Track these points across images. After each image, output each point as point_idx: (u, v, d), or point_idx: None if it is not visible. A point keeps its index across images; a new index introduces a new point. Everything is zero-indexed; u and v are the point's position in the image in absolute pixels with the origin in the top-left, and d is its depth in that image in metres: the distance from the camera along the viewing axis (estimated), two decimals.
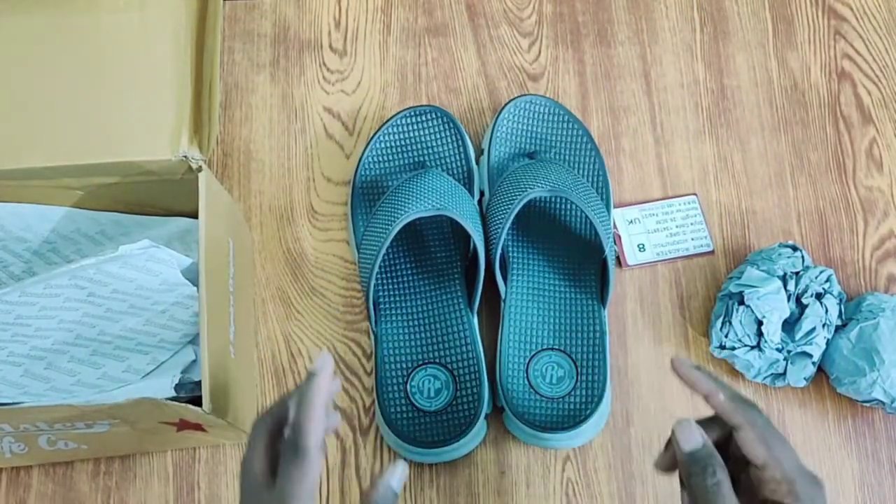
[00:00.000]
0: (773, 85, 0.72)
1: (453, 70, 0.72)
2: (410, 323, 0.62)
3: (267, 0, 0.74)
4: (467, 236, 0.62)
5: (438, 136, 0.66)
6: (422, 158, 0.66)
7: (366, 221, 0.64)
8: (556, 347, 0.61)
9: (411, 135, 0.67)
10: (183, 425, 0.53)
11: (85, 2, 0.56)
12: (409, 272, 0.64)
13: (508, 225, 0.58)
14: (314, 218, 0.68)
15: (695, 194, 0.68)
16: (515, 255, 0.64)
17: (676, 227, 0.67)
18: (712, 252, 0.66)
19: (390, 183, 0.66)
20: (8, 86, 0.55)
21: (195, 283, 0.55)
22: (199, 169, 0.54)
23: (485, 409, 0.59)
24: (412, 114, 0.67)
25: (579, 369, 0.60)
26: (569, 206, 0.65)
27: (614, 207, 0.67)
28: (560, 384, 0.60)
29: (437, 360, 0.61)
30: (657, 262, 0.66)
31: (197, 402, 0.48)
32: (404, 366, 0.61)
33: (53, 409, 0.49)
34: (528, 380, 0.60)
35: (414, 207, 0.57)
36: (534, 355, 0.61)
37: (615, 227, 0.66)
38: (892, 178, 0.69)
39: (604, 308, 0.62)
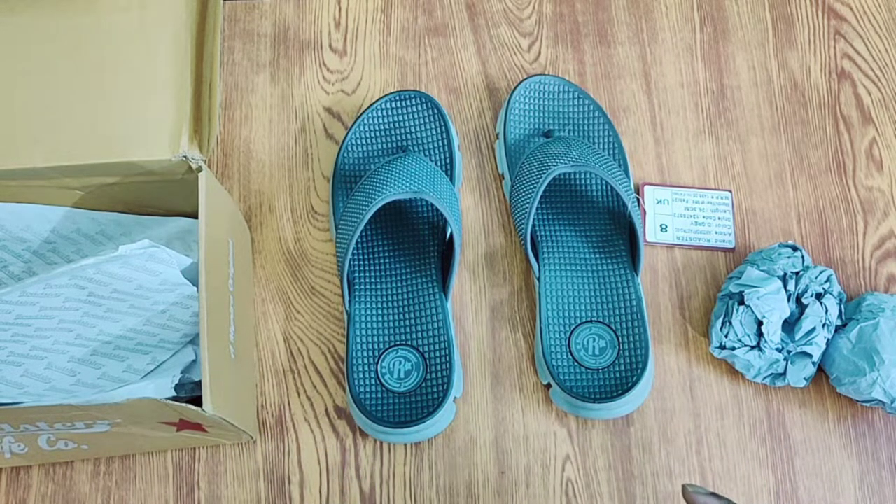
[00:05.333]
0: (773, 85, 0.72)
1: (453, 70, 0.72)
2: (384, 304, 0.63)
3: (267, 0, 0.74)
4: (445, 221, 0.63)
5: (422, 122, 0.67)
6: (404, 143, 0.67)
7: (345, 202, 0.65)
8: (595, 319, 0.62)
9: (395, 119, 0.67)
10: (183, 425, 0.53)
11: (85, 2, 0.56)
12: (385, 254, 0.65)
13: (536, 203, 0.60)
14: (314, 218, 0.68)
15: (730, 191, 0.68)
16: (544, 232, 0.65)
17: (704, 217, 0.67)
18: (733, 249, 0.67)
19: (371, 165, 0.66)
20: (8, 86, 0.55)
21: (195, 283, 0.55)
22: (199, 169, 0.54)
23: (453, 392, 0.59)
24: (397, 98, 0.67)
25: (620, 339, 0.61)
26: (591, 180, 0.67)
27: (646, 184, 0.68)
28: (603, 355, 0.61)
29: (409, 343, 0.62)
30: (675, 245, 0.66)
31: (197, 402, 0.48)
32: (376, 346, 0.62)
33: (53, 409, 0.49)
34: (571, 353, 0.61)
35: (392, 189, 0.58)
36: (574, 329, 0.62)
37: (643, 202, 0.67)
38: (892, 178, 0.69)
39: (637, 276, 0.63)
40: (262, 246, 0.67)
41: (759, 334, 0.60)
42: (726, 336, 0.60)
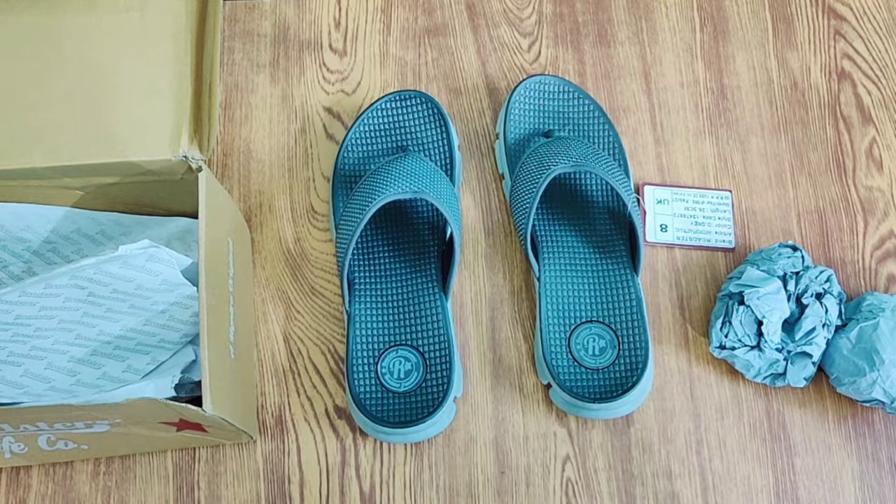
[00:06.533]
0: (773, 85, 0.72)
1: (453, 70, 0.72)
2: (384, 304, 0.63)
3: (267, 0, 0.74)
4: (445, 221, 0.63)
5: (422, 122, 0.67)
6: (404, 143, 0.67)
7: (345, 202, 0.65)
8: (596, 319, 0.62)
9: (395, 119, 0.67)
10: (183, 425, 0.53)
11: (85, 2, 0.56)
12: (385, 254, 0.65)
13: (536, 204, 0.60)
14: (314, 218, 0.68)
15: (730, 191, 0.68)
16: (544, 232, 0.65)
17: (704, 217, 0.67)
18: (733, 249, 0.67)
19: (371, 165, 0.66)
20: (8, 86, 0.55)
21: (195, 283, 0.55)
22: (199, 169, 0.54)
23: (453, 392, 0.59)
24: (397, 98, 0.67)
25: (620, 339, 0.61)
26: (591, 180, 0.67)
27: (646, 184, 0.68)
28: (603, 355, 0.61)
29: (409, 343, 0.62)
30: (675, 245, 0.66)
31: (197, 402, 0.48)
32: (376, 346, 0.62)
33: (53, 409, 0.49)
34: (571, 353, 0.61)
35: (392, 189, 0.58)
36: (574, 329, 0.62)
37: (643, 202, 0.67)
38: (892, 178, 0.69)
39: (637, 276, 0.62)
40: (262, 246, 0.67)
41: (759, 334, 0.60)
42: (726, 336, 0.60)
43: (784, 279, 0.61)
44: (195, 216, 0.53)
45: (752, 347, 0.60)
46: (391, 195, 0.58)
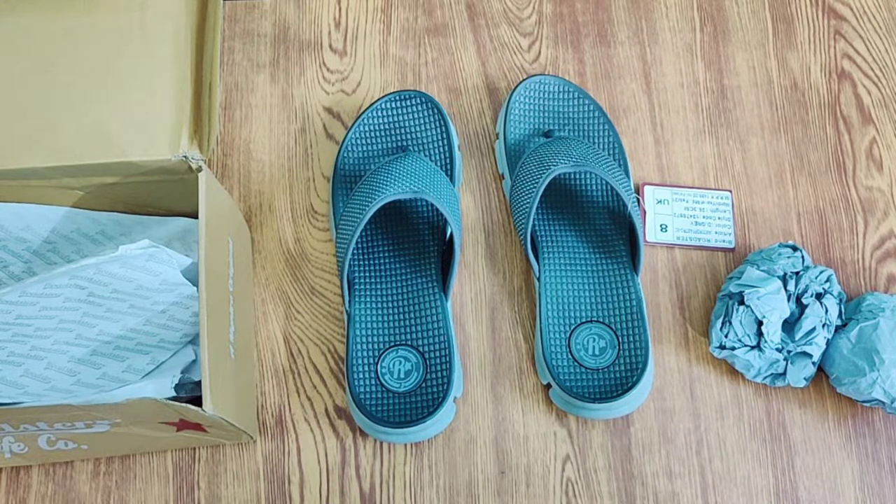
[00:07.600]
0: (773, 85, 0.72)
1: (453, 70, 0.72)
2: (384, 304, 0.63)
3: (267, 0, 0.74)
4: (445, 221, 0.63)
5: (422, 122, 0.67)
6: (404, 143, 0.67)
7: (345, 202, 0.65)
8: (596, 319, 0.62)
9: (395, 119, 0.67)
10: (183, 425, 0.53)
11: (85, 2, 0.56)
12: (385, 254, 0.65)
13: (536, 203, 0.60)
14: (314, 218, 0.68)
15: (730, 191, 0.68)
16: (544, 232, 0.65)
17: (704, 217, 0.67)
18: (733, 249, 0.67)
19: (371, 165, 0.66)
20: (8, 86, 0.55)
21: (195, 283, 0.55)
22: (199, 169, 0.54)
23: (453, 392, 0.59)
24: (397, 98, 0.67)
25: (620, 339, 0.61)
26: (591, 180, 0.67)
27: (646, 184, 0.68)
28: (603, 355, 0.61)
29: (409, 343, 0.62)
30: (675, 245, 0.66)
31: (197, 402, 0.48)
32: (376, 346, 0.62)
33: (53, 409, 0.49)
34: (571, 353, 0.61)
35: (392, 189, 0.58)
36: (574, 329, 0.62)
37: (643, 202, 0.67)
38: (892, 178, 0.69)
39: (637, 276, 0.62)
40: (262, 246, 0.67)
41: (759, 334, 0.60)
42: (726, 336, 0.60)
43: (784, 279, 0.61)
44: (195, 216, 0.53)
45: (752, 347, 0.60)
46: (391, 195, 0.58)
